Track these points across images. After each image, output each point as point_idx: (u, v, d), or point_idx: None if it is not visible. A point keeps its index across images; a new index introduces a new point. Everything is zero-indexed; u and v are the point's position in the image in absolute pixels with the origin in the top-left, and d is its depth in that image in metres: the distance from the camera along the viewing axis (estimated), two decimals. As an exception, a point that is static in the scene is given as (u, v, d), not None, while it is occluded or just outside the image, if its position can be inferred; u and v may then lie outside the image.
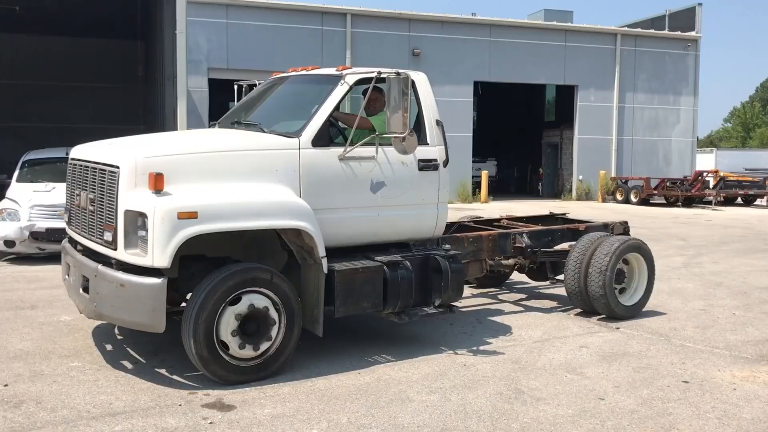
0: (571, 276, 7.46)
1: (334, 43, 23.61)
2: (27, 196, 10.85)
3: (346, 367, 5.73)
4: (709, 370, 5.83)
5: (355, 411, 4.80)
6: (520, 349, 6.38)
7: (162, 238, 4.87)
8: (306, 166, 5.62)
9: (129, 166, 5.11)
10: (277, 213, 5.33)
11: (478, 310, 7.94)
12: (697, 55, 29.35)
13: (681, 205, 24.78)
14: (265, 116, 6.46)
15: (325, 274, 5.51)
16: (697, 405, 5.05)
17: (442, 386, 5.32)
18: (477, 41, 25.70)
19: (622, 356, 6.19)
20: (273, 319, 5.34)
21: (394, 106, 5.47)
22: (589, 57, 27.39)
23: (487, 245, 7.42)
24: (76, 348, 6.17)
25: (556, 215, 9.47)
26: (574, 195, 28.02)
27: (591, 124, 27.76)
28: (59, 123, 25.91)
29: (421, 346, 6.41)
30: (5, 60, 26.14)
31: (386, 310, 5.88)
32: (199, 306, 5.05)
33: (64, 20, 23.58)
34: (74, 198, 5.93)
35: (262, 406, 4.85)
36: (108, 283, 5.13)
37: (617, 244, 7.41)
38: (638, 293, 7.68)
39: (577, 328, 7.15)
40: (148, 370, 5.59)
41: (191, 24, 19.55)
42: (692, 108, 29.53)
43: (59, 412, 4.69)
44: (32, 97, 26.65)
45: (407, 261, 5.97)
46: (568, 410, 4.90)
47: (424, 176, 6.26)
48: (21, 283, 9.07)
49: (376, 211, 6.02)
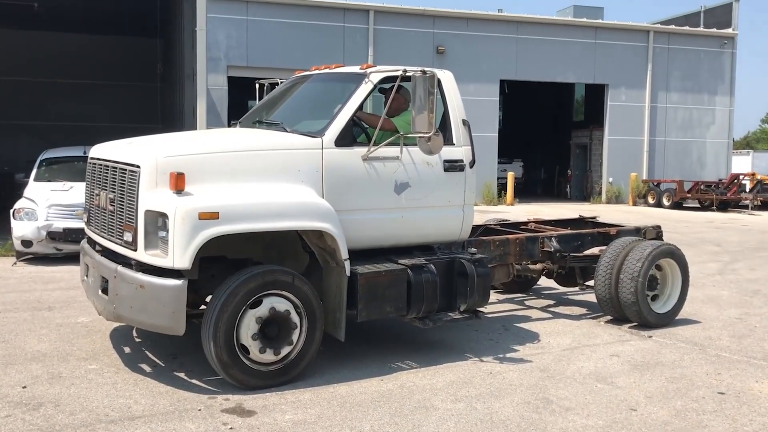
0: (601, 282, 7.41)
1: (356, 40, 23.67)
2: (44, 196, 11.01)
3: (368, 373, 5.75)
4: (746, 381, 5.76)
5: (378, 419, 4.81)
6: (548, 357, 6.34)
7: (183, 238, 4.91)
8: (329, 167, 5.65)
9: (150, 165, 5.16)
10: (299, 214, 5.36)
11: (504, 316, 7.92)
12: (734, 53, 28.99)
13: (716, 209, 24.48)
14: (288, 115, 6.50)
15: (348, 277, 5.52)
16: (733, 417, 4.99)
17: (468, 394, 5.31)
18: (503, 38, 25.60)
19: (655, 366, 6.13)
20: (294, 322, 5.36)
21: (419, 106, 5.48)
22: (620, 55, 27.16)
23: (515, 249, 7.39)
24: (94, 350, 6.25)
25: (586, 219, 9.42)
26: (604, 198, 27.79)
27: (622, 125, 27.51)
28: (77, 121, 26.26)
29: (446, 352, 6.41)
30: (23, 57, 26.54)
31: (410, 314, 5.88)
32: (219, 308, 5.09)
33: (82, 17, 23.89)
34: (93, 198, 6.01)
35: (283, 412, 4.87)
36: (127, 284, 5.19)
37: (650, 249, 7.34)
38: (671, 300, 7.61)
39: (607, 336, 7.10)
40: (167, 373, 5.65)
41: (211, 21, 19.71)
42: (728, 108, 29.16)
43: (78, 415, 4.76)
44: (50, 95, 27.04)
45: (432, 264, 5.97)
46: (599, 421, 4.87)
47: (450, 177, 6.26)
48: (38, 284, 9.20)
49: (401, 213, 6.03)
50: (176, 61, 20.60)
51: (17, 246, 10.70)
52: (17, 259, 10.88)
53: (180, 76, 19.02)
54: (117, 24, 24.93)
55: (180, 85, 19.07)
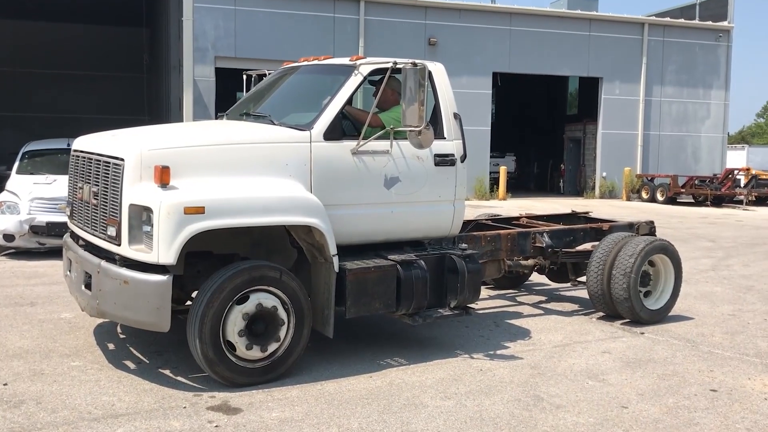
0: (593, 278, 7.44)
1: (347, 31, 23.62)
2: (27, 189, 10.95)
3: (357, 370, 5.75)
4: (738, 379, 5.80)
5: (367, 416, 4.82)
6: (539, 353, 6.37)
7: (168, 233, 4.90)
8: (317, 160, 5.64)
9: (134, 158, 5.14)
10: (286, 209, 5.35)
11: (495, 313, 7.94)
12: (729, 47, 29.10)
13: (710, 204, 24.62)
14: (275, 108, 6.47)
15: (336, 273, 5.52)
16: (725, 415, 5.02)
17: (457, 392, 5.33)
18: (496, 30, 25.62)
19: (647, 363, 6.17)
20: (282, 319, 5.36)
21: (409, 98, 5.47)
22: (615, 48, 27.23)
23: (506, 245, 7.41)
24: (77, 347, 6.23)
25: (579, 214, 9.44)
26: (597, 193, 27.90)
27: (616, 119, 27.60)
28: (61, 113, 26.14)
29: (436, 349, 6.42)
30: (5, 47, 26.39)
31: (399, 311, 5.89)
32: (205, 305, 5.08)
33: (67, 6, 23.76)
34: (77, 191, 5.98)
35: (269, 410, 4.87)
36: (111, 279, 5.17)
37: (642, 245, 7.38)
38: (664, 297, 7.65)
39: (599, 333, 7.14)
40: (152, 370, 5.64)
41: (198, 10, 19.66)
42: (723, 102, 29.30)
43: (60, 412, 4.74)
44: (33, 86, 26.90)
45: (422, 260, 5.97)
46: (590, 418, 4.89)
47: (441, 172, 6.26)
48: (20, 279, 9.16)
49: (390, 208, 6.03)
50: (163, 52, 20.53)
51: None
52: (-1, 253, 10.83)
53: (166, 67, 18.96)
54: (102, 13, 24.82)
55: (166, 76, 19.01)
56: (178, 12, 14.64)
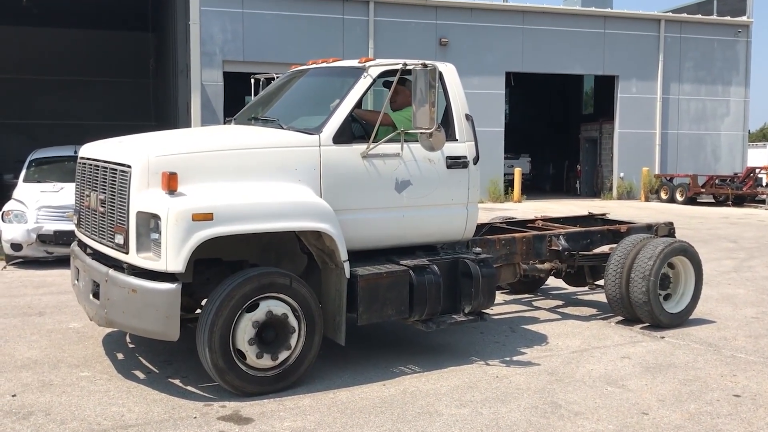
0: (611, 281, 7.41)
1: (356, 32, 23.68)
2: (34, 197, 11.03)
3: (369, 378, 5.75)
4: (762, 384, 5.76)
5: (380, 425, 4.82)
6: (556, 359, 6.35)
7: (176, 241, 4.92)
8: (327, 165, 5.65)
9: (141, 165, 5.17)
10: (296, 214, 5.36)
11: (511, 318, 7.92)
12: (749, 42, 28.95)
13: (731, 204, 24.46)
14: (284, 112, 6.51)
15: (348, 279, 5.53)
16: (749, 421, 4.99)
17: (473, 399, 5.32)
18: (509, 29, 25.60)
19: (668, 368, 6.13)
20: (292, 326, 5.37)
21: (420, 100, 5.47)
22: (631, 45, 27.13)
23: (521, 248, 7.39)
24: (86, 357, 6.27)
25: (596, 216, 9.41)
26: (615, 193, 27.78)
27: (633, 117, 27.49)
28: (67, 120, 26.28)
29: (450, 356, 6.41)
30: (11, 54, 26.57)
31: (412, 317, 5.89)
32: (214, 313, 5.10)
33: (72, 12, 23.92)
34: (84, 199, 6.02)
35: (281, 419, 4.88)
36: (119, 288, 5.20)
37: (662, 247, 7.34)
38: (685, 300, 7.61)
39: (618, 338, 7.10)
40: (162, 380, 5.66)
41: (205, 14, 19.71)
42: (743, 99, 29.13)
43: (69, 424, 4.77)
44: (39, 93, 27.05)
45: (435, 265, 5.97)
46: (609, 425, 4.87)
47: (453, 174, 6.26)
48: (28, 289, 9.23)
49: (402, 212, 6.04)
50: (169, 56, 20.61)
51: (6, 249, 10.72)
52: (6, 263, 10.91)
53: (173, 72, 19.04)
54: (107, 18, 24.95)
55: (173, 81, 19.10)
56: (184, 16, 14.73)
